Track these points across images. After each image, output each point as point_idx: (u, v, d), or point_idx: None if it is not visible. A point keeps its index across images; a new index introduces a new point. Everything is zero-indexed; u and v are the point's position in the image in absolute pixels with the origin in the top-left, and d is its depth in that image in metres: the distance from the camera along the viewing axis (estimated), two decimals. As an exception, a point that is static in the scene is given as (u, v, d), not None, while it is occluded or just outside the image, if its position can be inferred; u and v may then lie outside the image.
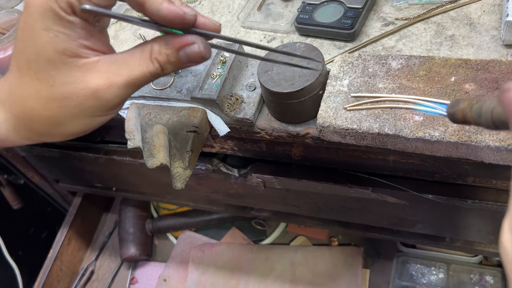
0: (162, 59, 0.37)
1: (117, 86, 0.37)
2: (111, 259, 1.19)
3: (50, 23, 0.35)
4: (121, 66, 0.37)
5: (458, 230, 0.72)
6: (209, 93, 0.55)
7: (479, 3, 0.57)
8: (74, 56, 0.36)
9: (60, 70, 0.36)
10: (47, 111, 0.38)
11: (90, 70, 0.37)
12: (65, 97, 0.37)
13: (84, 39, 0.36)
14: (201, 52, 0.37)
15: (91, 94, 0.37)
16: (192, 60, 0.38)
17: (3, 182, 1.07)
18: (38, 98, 0.37)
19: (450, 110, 0.35)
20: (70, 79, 0.36)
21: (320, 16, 0.61)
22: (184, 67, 0.39)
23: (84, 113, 0.38)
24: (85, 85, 0.36)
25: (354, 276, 0.98)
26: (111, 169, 0.88)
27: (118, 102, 0.39)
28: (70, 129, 0.39)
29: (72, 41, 0.35)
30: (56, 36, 0.35)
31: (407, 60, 0.51)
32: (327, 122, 0.50)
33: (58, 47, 0.35)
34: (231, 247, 1.12)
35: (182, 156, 0.55)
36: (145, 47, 0.37)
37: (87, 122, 0.39)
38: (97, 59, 0.37)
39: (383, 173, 0.64)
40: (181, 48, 0.37)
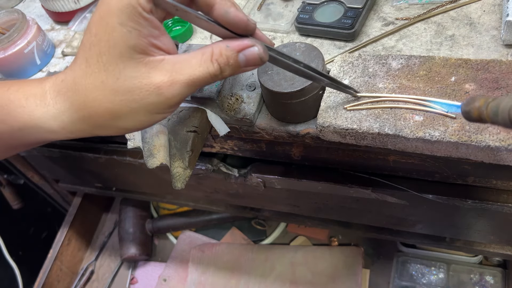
0: (222, 61, 0.39)
1: (179, 84, 0.38)
2: (111, 259, 1.19)
3: (126, 19, 0.36)
4: (184, 65, 0.39)
5: (458, 230, 0.72)
6: (209, 93, 0.55)
7: (479, 3, 0.57)
8: (142, 52, 0.38)
9: (128, 64, 0.38)
10: (110, 103, 0.39)
11: (155, 68, 0.38)
12: (129, 91, 0.38)
13: (154, 38, 0.38)
14: (260, 54, 0.39)
15: (154, 90, 0.38)
16: (251, 62, 0.39)
17: (3, 182, 1.07)
18: (103, 89, 0.38)
19: (465, 108, 0.34)
20: (136, 74, 0.38)
21: (320, 16, 0.61)
22: (241, 70, 0.40)
23: (144, 109, 0.39)
24: (149, 80, 0.38)
25: (354, 276, 0.98)
26: (111, 169, 0.88)
27: (178, 101, 0.40)
28: (127, 124, 0.40)
29: (143, 38, 0.37)
30: (129, 32, 0.36)
31: (407, 60, 0.51)
32: (327, 122, 0.50)
33: (129, 42, 0.37)
34: (231, 247, 1.12)
35: (182, 156, 0.55)
36: (207, 49, 0.39)
37: (146, 118, 0.40)
38: (162, 58, 0.39)
39: (383, 173, 0.64)
40: (241, 51, 0.39)
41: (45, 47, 0.72)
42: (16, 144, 0.46)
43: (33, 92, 0.42)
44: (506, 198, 0.60)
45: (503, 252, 0.75)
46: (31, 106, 0.42)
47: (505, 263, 0.94)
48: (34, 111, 0.42)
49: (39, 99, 0.42)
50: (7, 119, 0.43)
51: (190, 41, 0.68)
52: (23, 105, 0.42)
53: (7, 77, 0.72)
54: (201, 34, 0.69)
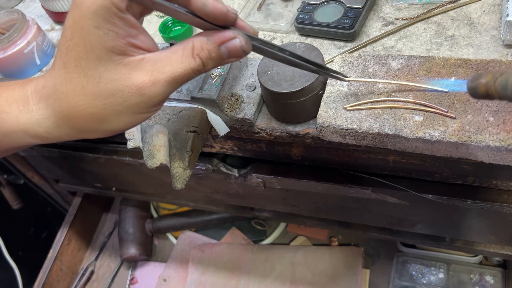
0: (204, 55, 0.38)
1: (161, 83, 0.38)
2: (111, 259, 1.19)
3: (101, 21, 0.35)
4: (164, 63, 0.38)
5: (458, 230, 0.72)
6: (209, 93, 0.55)
7: (479, 3, 0.57)
8: (121, 54, 0.37)
9: (107, 67, 0.37)
10: (92, 107, 0.38)
11: (135, 68, 0.37)
12: (111, 94, 0.38)
13: (132, 37, 0.37)
14: (242, 46, 0.38)
15: (136, 91, 0.38)
16: (233, 54, 0.39)
17: (3, 182, 1.07)
18: (84, 94, 0.38)
19: (471, 85, 0.34)
20: (116, 76, 0.37)
21: (320, 16, 0.61)
22: (224, 62, 0.40)
23: (128, 110, 0.39)
24: (130, 82, 0.37)
25: (354, 276, 0.98)
26: (111, 169, 0.88)
27: (161, 99, 0.39)
28: (113, 126, 0.40)
29: (120, 39, 0.36)
30: (106, 34, 0.36)
31: (407, 60, 0.51)
32: (327, 122, 0.50)
33: (107, 45, 0.36)
34: (231, 247, 1.12)
35: (182, 156, 0.55)
36: (187, 44, 0.38)
37: (131, 119, 0.40)
38: (142, 57, 0.38)
39: (383, 173, 0.64)
40: (223, 43, 0.38)
41: (45, 47, 0.72)
42: (3, 148, 0.45)
43: (15, 97, 0.41)
44: (506, 198, 0.60)
45: (503, 252, 0.75)
46: (14, 111, 0.41)
47: (505, 263, 0.94)
48: (18, 117, 0.41)
49: (22, 104, 0.41)
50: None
51: (190, 41, 0.68)
52: (7, 110, 0.41)
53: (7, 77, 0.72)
54: (201, 34, 0.69)
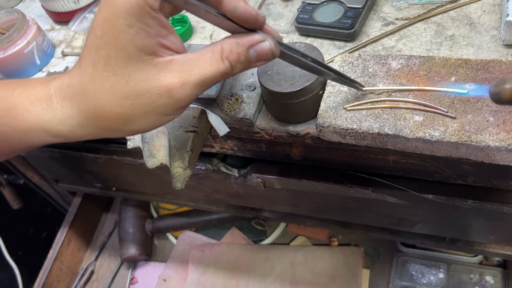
0: (233, 58, 0.38)
1: (189, 85, 0.38)
2: (111, 259, 1.19)
3: (133, 19, 0.35)
4: (193, 65, 0.38)
5: (458, 230, 0.72)
6: (209, 93, 0.55)
7: (479, 3, 0.57)
8: (151, 54, 0.37)
9: (137, 67, 0.37)
10: (120, 107, 0.38)
11: (164, 69, 0.37)
12: (139, 94, 0.37)
13: (163, 38, 0.37)
14: (271, 49, 0.38)
15: (165, 92, 0.37)
16: (262, 57, 0.39)
17: (3, 182, 1.07)
18: (112, 94, 0.37)
19: (495, 90, 0.33)
20: (145, 76, 0.37)
21: (320, 16, 0.61)
22: (252, 66, 0.40)
23: (155, 111, 0.38)
24: (159, 83, 0.37)
25: (354, 276, 0.98)
26: (111, 169, 0.88)
27: (188, 101, 0.39)
28: (138, 126, 0.40)
29: (151, 39, 0.36)
30: (137, 33, 0.35)
31: (407, 60, 0.51)
32: (327, 122, 0.50)
33: (138, 44, 0.36)
34: (231, 247, 1.12)
35: (182, 156, 0.55)
36: (216, 47, 0.38)
37: (156, 120, 0.40)
38: (171, 58, 0.38)
39: (383, 173, 0.64)
40: (252, 46, 0.38)
41: (45, 47, 0.72)
42: (21, 146, 0.45)
43: (38, 95, 0.41)
44: (506, 198, 0.60)
45: (503, 252, 0.75)
46: (37, 110, 0.41)
47: (505, 263, 0.94)
48: (41, 116, 0.41)
49: (45, 103, 0.41)
50: (13, 122, 0.42)
51: (190, 41, 0.68)
52: (29, 109, 0.41)
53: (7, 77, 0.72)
54: (201, 34, 0.69)
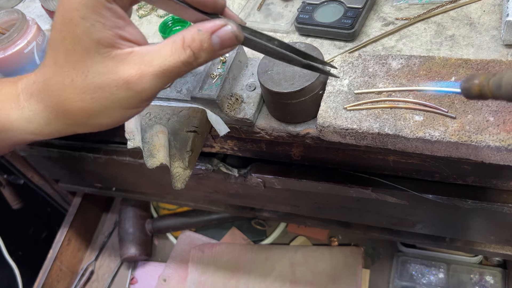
0: (195, 46, 0.37)
1: (148, 76, 0.37)
2: (111, 259, 1.19)
3: (88, 12, 0.35)
4: (153, 56, 0.37)
5: (458, 230, 0.72)
6: (209, 93, 0.55)
7: (479, 3, 0.57)
8: (109, 46, 0.36)
9: (95, 60, 0.36)
10: (81, 101, 0.38)
11: (123, 61, 0.37)
12: (98, 87, 0.37)
13: (120, 29, 0.36)
14: (234, 32, 0.37)
15: (123, 85, 0.37)
16: (226, 43, 0.38)
17: (3, 182, 1.07)
18: (73, 88, 0.37)
19: (465, 85, 0.34)
20: (103, 69, 0.36)
21: (320, 16, 0.61)
22: (218, 54, 0.39)
23: (116, 105, 0.38)
24: (117, 76, 0.37)
25: (354, 276, 0.98)
26: (111, 169, 0.88)
27: (150, 94, 0.38)
28: (102, 120, 0.39)
29: (108, 31, 0.36)
30: (92, 25, 0.35)
31: (407, 60, 0.51)
32: (327, 122, 0.50)
33: (94, 37, 0.35)
34: (231, 247, 1.12)
35: (182, 156, 0.55)
36: (177, 36, 0.38)
37: (119, 113, 0.39)
38: (130, 50, 0.37)
39: (383, 173, 0.64)
40: (214, 32, 0.37)
41: (45, 47, 0.72)
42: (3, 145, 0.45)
43: (7, 94, 0.41)
44: (506, 198, 0.60)
45: (503, 252, 0.75)
46: (6, 108, 0.41)
47: (505, 263, 0.94)
48: (9, 114, 0.41)
49: (13, 101, 0.41)
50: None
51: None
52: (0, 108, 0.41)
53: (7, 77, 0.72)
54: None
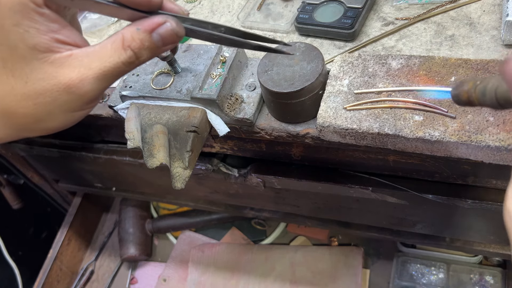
0: (136, 45, 0.37)
1: (88, 79, 0.36)
2: (111, 259, 1.19)
3: (20, 18, 0.34)
4: (92, 58, 0.37)
5: (458, 230, 0.72)
6: (209, 93, 0.55)
7: (479, 3, 0.57)
8: (46, 51, 0.36)
9: (33, 66, 0.36)
10: (24, 108, 0.37)
11: (62, 65, 0.36)
12: (39, 93, 0.37)
13: (55, 33, 0.36)
14: (174, 29, 0.37)
15: (64, 90, 0.36)
16: (167, 40, 0.37)
17: (3, 182, 1.07)
18: (14, 95, 0.37)
19: (454, 92, 0.35)
20: (43, 75, 0.36)
21: (320, 16, 0.61)
22: (159, 51, 0.38)
23: (60, 109, 0.38)
24: (57, 80, 0.36)
25: (354, 276, 0.98)
26: (111, 169, 0.88)
27: (93, 96, 0.38)
28: (49, 125, 0.39)
29: (43, 36, 0.35)
30: (26, 32, 0.34)
31: (407, 60, 0.51)
32: (327, 122, 0.50)
33: (29, 43, 0.35)
34: (231, 247, 1.12)
35: (182, 156, 0.55)
36: (116, 37, 0.37)
37: (65, 117, 0.39)
38: (69, 53, 0.37)
39: (383, 173, 0.64)
40: (153, 30, 0.37)
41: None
42: None
43: None
44: (506, 198, 0.60)
45: (503, 252, 0.75)
46: None
47: (505, 263, 0.94)
48: None
49: None
50: None
51: (190, 41, 0.68)
52: None
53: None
54: (201, 34, 0.69)
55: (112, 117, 0.66)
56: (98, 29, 0.75)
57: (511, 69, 0.27)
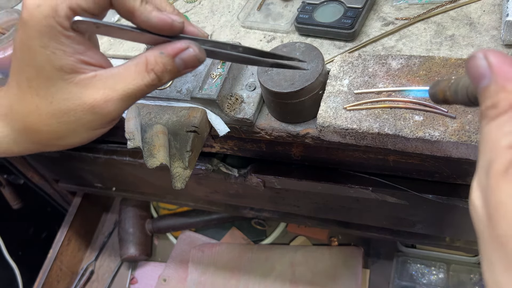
0: (159, 69, 0.38)
1: (113, 101, 0.38)
2: (111, 259, 1.19)
3: (47, 40, 0.35)
4: (116, 80, 0.38)
5: (458, 230, 0.72)
6: (209, 93, 0.55)
7: (479, 3, 0.57)
8: (72, 72, 0.37)
9: (59, 86, 0.37)
10: (48, 126, 0.39)
11: (87, 86, 0.37)
12: (64, 113, 0.38)
13: (81, 54, 0.37)
14: (197, 55, 0.38)
15: (88, 110, 0.38)
16: (189, 65, 0.38)
17: (3, 182, 1.07)
18: (38, 114, 0.38)
19: (431, 91, 0.35)
20: (68, 95, 0.37)
21: (320, 16, 0.61)
22: (180, 74, 0.39)
23: (83, 128, 0.39)
24: (82, 101, 0.37)
25: (354, 276, 0.98)
26: (111, 169, 0.88)
27: (116, 116, 0.39)
28: (70, 142, 0.41)
29: (69, 57, 0.36)
30: (53, 53, 0.35)
31: (407, 60, 0.51)
32: (327, 122, 0.50)
33: (55, 64, 0.36)
34: (231, 247, 1.12)
35: (182, 156, 0.55)
36: (140, 60, 0.38)
37: (87, 134, 0.40)
38: (94, 74, 0.38)
39: (383, 173, 0.64)
40: (176, 55, 0.38)
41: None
42: None
43: None
44: (506, 198, 0.60)
45: (503, 252, 0.75)
46: None
47: (505, 263, 0.94)
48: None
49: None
50: None
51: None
52: None
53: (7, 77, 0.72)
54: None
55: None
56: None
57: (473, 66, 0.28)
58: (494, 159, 0.26)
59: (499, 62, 0.27)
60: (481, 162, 0.28)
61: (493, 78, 0.27)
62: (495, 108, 0.26)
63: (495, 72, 0.27)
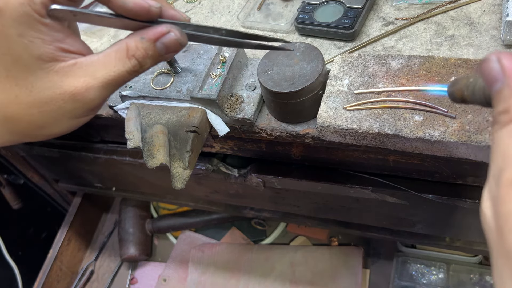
0: (140, 55, 0.37)
1: (94, 88, 0.37)
2: (111, 259, 1.19)
3: (24, 29, 0.34)
4: (97, 67, 0.37)
5: (458, 230, 0.72)
6: (209, 93, 0.55)
7: (479, 3, 0.57)
8: (51, 60, 0.36)
9: (38, 75, 0.36)
10: (28, 116, 0.38)
11: (67, 74, 0.37)
12: (44, 102, 0.37)
13: (60, 42, 0.36)
14: (179, 39, 0.37)
15: (69, 98, 0.37)
16: (171, 49, 0.38)
17: (3, 182, 1.07)
18: (18, 104, 0.37)
19: (450, 90, 0.35)
20: (48, 84, 0.37)
21: (320, 16, 0.61)
22: (163, 59, 0.39)
23: (64, 116, 0.38)
24: (62, 89, 0.37)
25: (354, 276, 0.98)
26: (111, 169, 0.88)
27: (98, 103, 0.39)
28: (53, 131, 0.40)
29: (47, 45, 0.36)
30: (31, 42, 0.35)
31: (407, 60, 0.51)
32: (327, 122, 0.50)
33: (34, 53, 0.35)
34: (231, 247, 1.12)
35: (182, 156, 0.55)
36: (120, 46, 0.37)
37: (69, 123, 0.40)
38: (74, 62, 0.37)
39: (383, 173, 0.64)
40: (157, 39, 0.37)
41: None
42: None
43: None
44: (506, 198, 0.60)
45: (503, 252, 0.75)
46: None
47: (505, 263, 0.94)
48: None
49: None
50: None
51: (190, 41, 0.68)
52: None
53: None
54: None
55: (112, 117, 0.66)
56: (98, 29, 0.75)
57: (486, 69, 0.27)
58: (505, 168, 0.24)
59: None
60: (492, 170, 0.26)
61: (506, 82, 0.26)
62: (507, 114, 0.25)
63: (508, 75, 0.26)
